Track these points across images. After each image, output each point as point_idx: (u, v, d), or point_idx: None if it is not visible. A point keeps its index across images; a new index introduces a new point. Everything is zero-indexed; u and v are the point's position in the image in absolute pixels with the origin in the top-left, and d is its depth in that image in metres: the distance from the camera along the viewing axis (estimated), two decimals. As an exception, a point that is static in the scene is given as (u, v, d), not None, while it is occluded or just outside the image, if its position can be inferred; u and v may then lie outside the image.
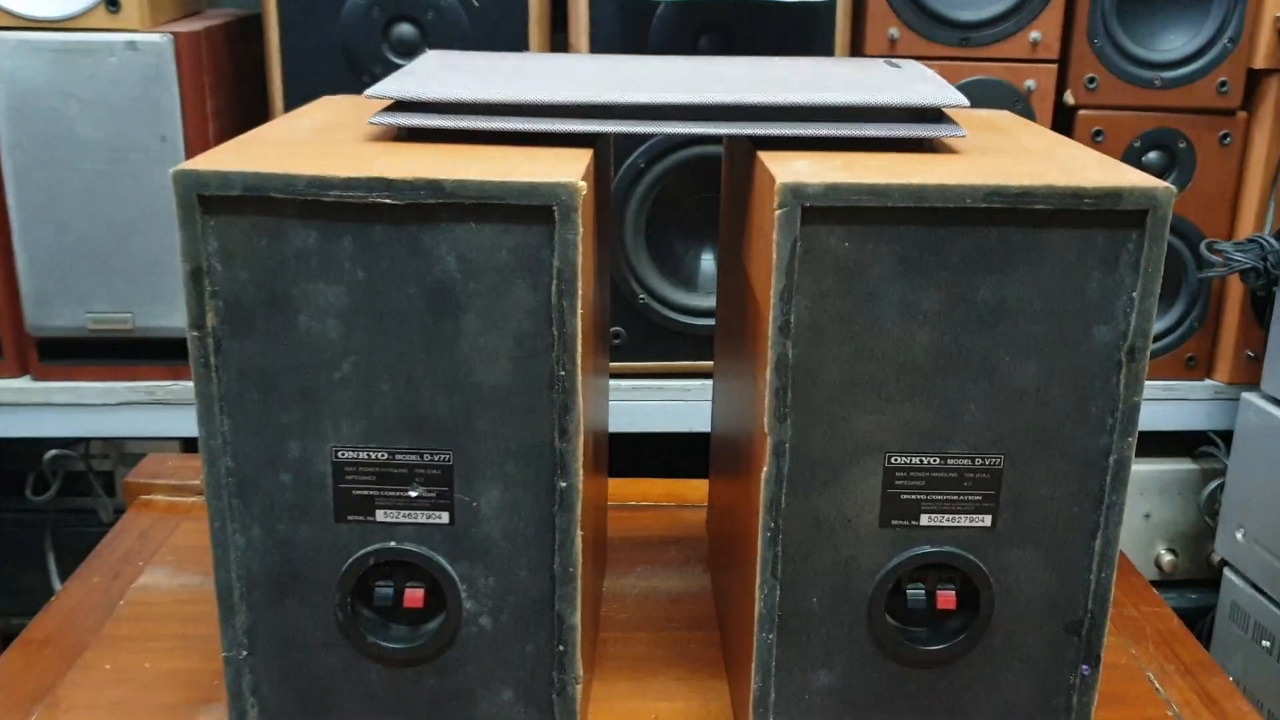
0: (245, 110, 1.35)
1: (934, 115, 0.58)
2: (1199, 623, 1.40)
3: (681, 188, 1.29)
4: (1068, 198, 0.51)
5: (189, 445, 1.38)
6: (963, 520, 0.56)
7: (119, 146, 1.22)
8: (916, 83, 0.61)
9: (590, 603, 0.64)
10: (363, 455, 0.54)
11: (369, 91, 0.58)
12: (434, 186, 0.50)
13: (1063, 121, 1.30)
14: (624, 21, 1.22)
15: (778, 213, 0.51)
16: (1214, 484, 1.40)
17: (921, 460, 0.55)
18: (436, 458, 0.54)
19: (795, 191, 0.50)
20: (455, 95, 0.57)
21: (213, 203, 0.51)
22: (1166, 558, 1.44)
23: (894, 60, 0.68)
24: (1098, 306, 0.53)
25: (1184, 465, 1.43)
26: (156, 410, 1.31)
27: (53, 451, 1.47)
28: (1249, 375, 1.36)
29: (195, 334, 0.52)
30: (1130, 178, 0.52)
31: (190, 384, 1.43)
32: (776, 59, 0.69)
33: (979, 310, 0.53)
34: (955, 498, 0.56)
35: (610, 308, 1.28)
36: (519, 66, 0.64)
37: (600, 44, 1.22)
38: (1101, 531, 0.56)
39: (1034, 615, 0.57)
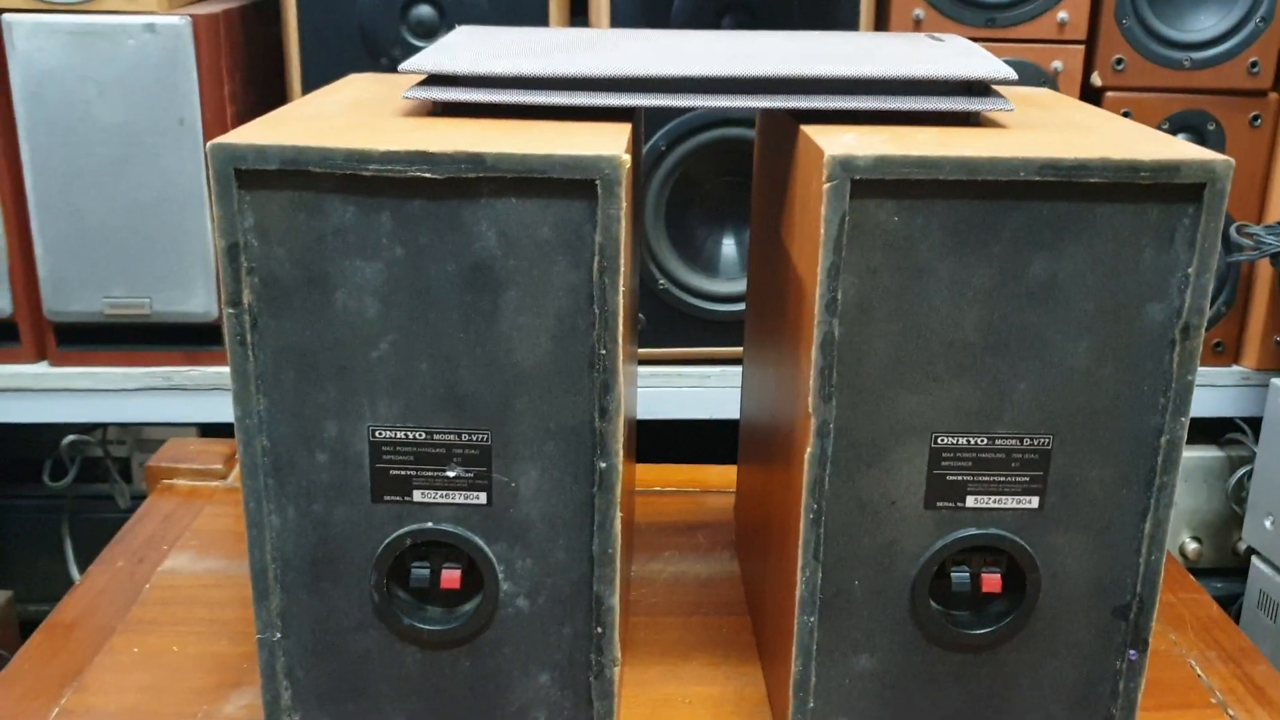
0: (263, 93, 1.34)
1: (980, 89, 0.57)
2: (1225, 612, 1.38)
3: (702, 171, 1.28)
4: (1124, 171, 0.50)
5: (206, 431, 1.38)
6: (1009, 502, 0.55)
7: (137, 130, 1.21)
8: (961, 56, 0.60)
9: (622, 587, 0.63)
10: (400, 435, 0.53)
11: (403, 66, 0.57)
12: (474, 160, 0.49)
13: (1090, 103, 1.29)
14: (644, 1, 1.21)
15: (826, 186, 0.50)
16: (1242, 471, 1.39)
17: (968, 441, 0.54)
18: (475, 437, 0.53)
19: (844, 164, 0.49)
20: (490, 69, 0.56)
21: (249, 177, 0.50)
22: (1192, 546, 1.43)
23: (936, 35, 0.67)
24: (1152, 283, 0.52)
25: (1211, 452, 1.41)
26: (174, 396, 1.31)
27: (70, 437, 1.47)
28: (1277, 361, 1.34)
29: (232, 311, 0.51)
30: (1187, 151, 0.51)
31: (208, 369, 1.42)
32: (815, 33, 0.68)
33: (1030, 287, 0.52)
34: (1002, 479, 0.55)
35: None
36: (553, 40, 0.63)
37: (621, 24, 1.21)
38: (1152, 514, 0.55)
39: (1081, 599, 0.56)
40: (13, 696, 0.65)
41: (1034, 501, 0.55)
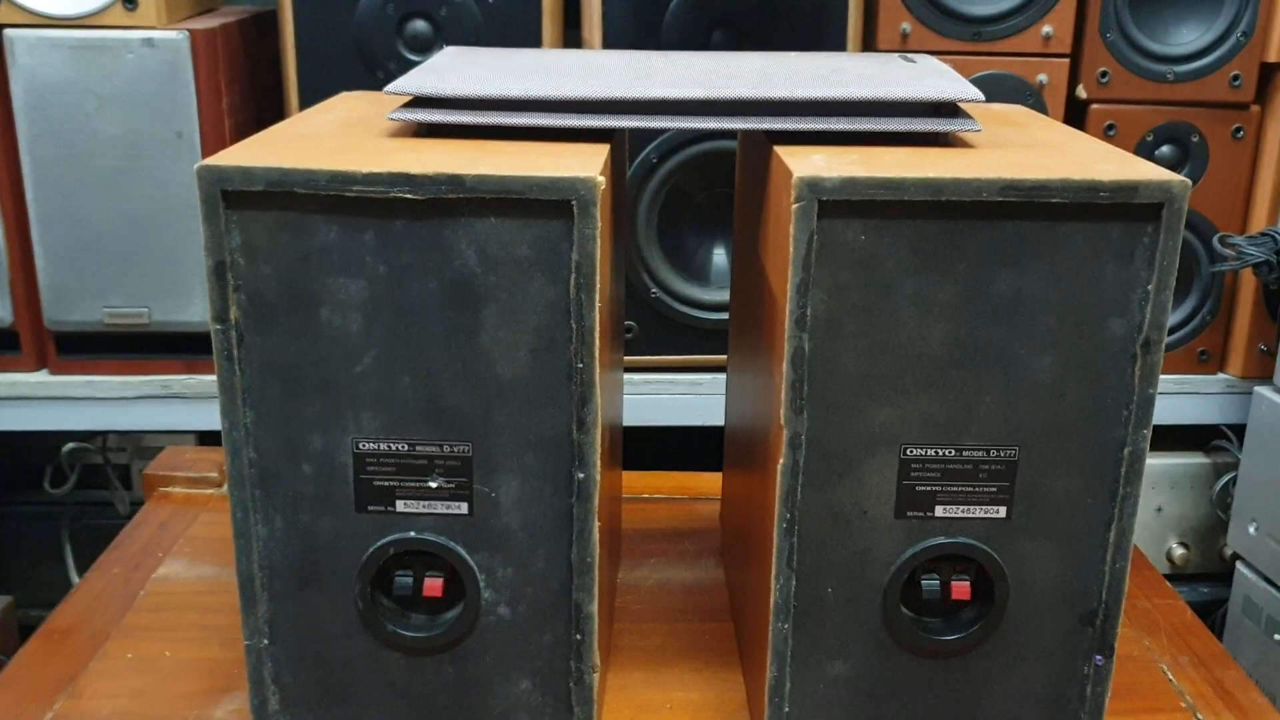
0: (260, 107, 1.35)
1: (949, 110, 0.59)
2: (1211, 617, 1.40)
3: (693, 183, 1.30)
4: (1083, 191, 0.51)
5: (205, 439, 1.39)
6: (978, 511, 0.56)
7: (136, 142, 1.22)
8: (931, 77, 0.61)
9: (606, 594, 0.65)
10: (383, 446, 0.55)
11: (389, 88, 0.59)
12: (454, 181, 0.51)
13: (1075, 116, 1.30)
14: (637, 17, 1.23)
15: (795, 207, 0.51)
16: (1226, 478, 1.40)
17: (937, 452, 0.55)
18: (456, 449, 0.55)
19: (812, 185, 0.51)
20: (474, 91, 0.58)
21: (236, 198, 0.51)
22: (1178, 551, 1.44)
23: (909, 55, 0.69)
24: (1113, 299, 0.53)
25: (1196, 459, 1.43)
26: (172, 404, 1.32)
27: (70, 445, 1.49)
28: (1262, 369, 1.36)
29: (219, 327, 0.53)
30: (1145, 171, 0.52)
31: (205, 378, 1.44)
32: (791, 54, 0.70)
33: (994, 303, 0.53)
34: (970, 489, 0.56)
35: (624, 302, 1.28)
36: (537, 62, 0.65)
37: (613, 40, 1.23)
38: (1116, 523, 0.56)
39: (1048, 606, 0.58)
40: (8, 701, 0.67)
41: (1001, 511, 0.56)
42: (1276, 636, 1.25)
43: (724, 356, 1.32)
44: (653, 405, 1.33)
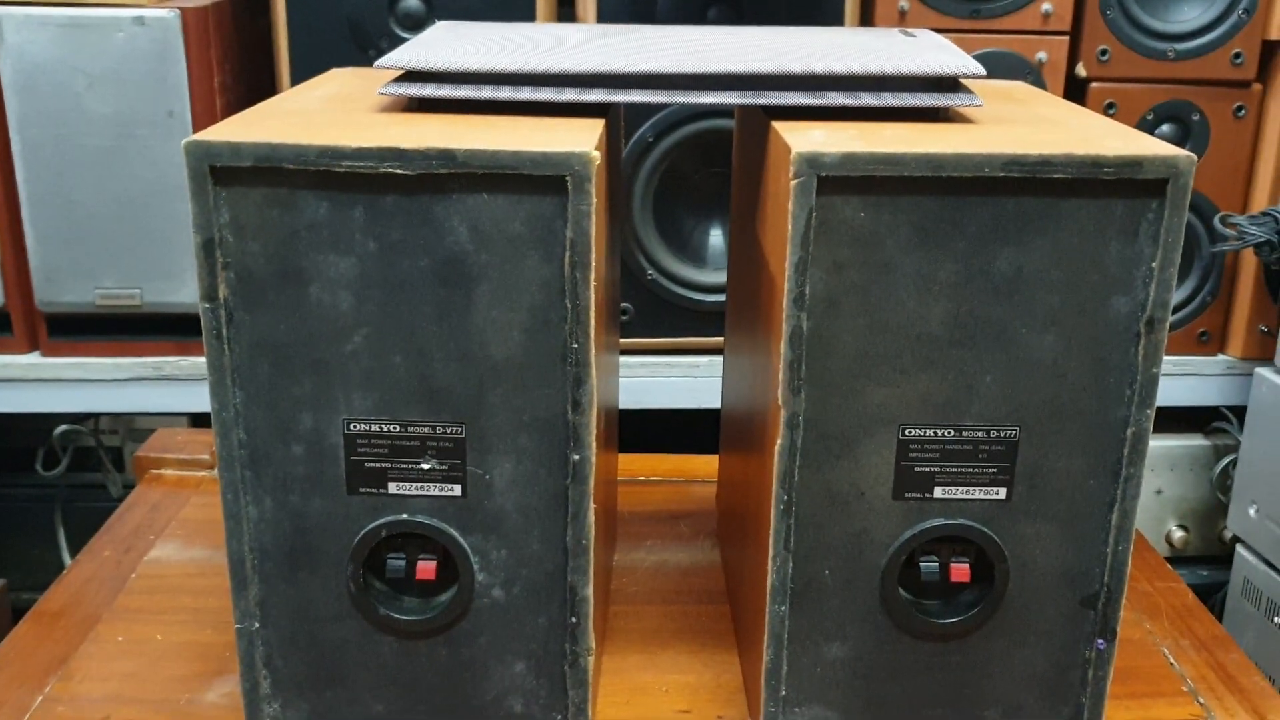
0: (252, 85, 1.34)
1: (950, 85, 0.58)
2: (1210, 599, 1.39)
3: (689, 162, 1.28)
4: (1087, 166, 0.50)
5: (197, 420, 1.38)
6: (977, 493, 0.56)
7: (127, 122, 1.21)
8: (932, 52, 0.60)
9: (601, 576, 0.64)
10: (375, 427, 0.54)
11: (379, 62, 0.58)
12: (446, 156, 0.50)
13: (1074, 94, 1.29)
14: (632, -6, 1.21)
15: (793, 183, 0.50)
16: (1226, 460, 1.40)
17: (936, 432, 0.55)
18: (449, 430, 0.54)
19: (811, 161, 0.50)
20: (466, 65, 0.57)
21: (224, 174, 0.50)
22: (1178, 534, 1.43)
23: (909, 30, 0.68)
24: (1116, 277, 0.52)
25: (1196, 441, 1.42)
26: (165, 386, 1.31)
27: (62, 427, 1.48)
28: (1262, 350, 1.35)
29: (207, 306, 0.52)
30: (1150, 146, 0.51)
31: (198, 359, 1.43)
32: (790, 28, 0.69)
33: (996, 281, 0.52)
34: (970, 470, 0.55)
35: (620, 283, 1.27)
36: (530, 36, 0.64)
37: (607, 16, 1.21)
38: (1118, 504, 0.56)
39: (1049, 589, 0.57)
40: (-2, 685, 0.66)
41: (1001, 492, 0.56)
42: (1276, 620, 1.25)
43: (720, 339, 1.31)
44: (649, 388, 1.32)
